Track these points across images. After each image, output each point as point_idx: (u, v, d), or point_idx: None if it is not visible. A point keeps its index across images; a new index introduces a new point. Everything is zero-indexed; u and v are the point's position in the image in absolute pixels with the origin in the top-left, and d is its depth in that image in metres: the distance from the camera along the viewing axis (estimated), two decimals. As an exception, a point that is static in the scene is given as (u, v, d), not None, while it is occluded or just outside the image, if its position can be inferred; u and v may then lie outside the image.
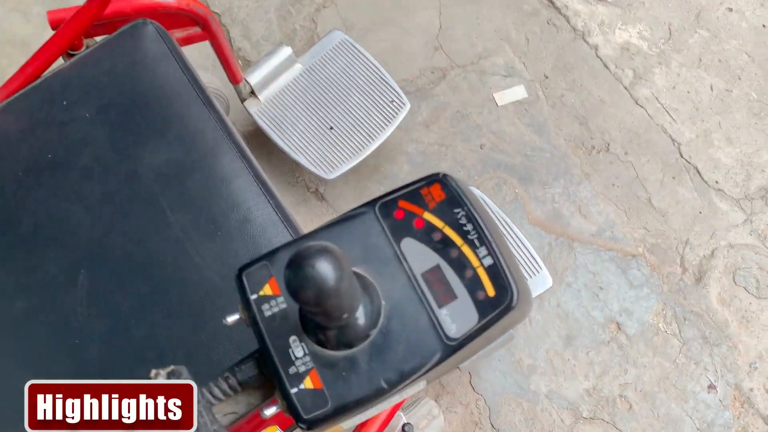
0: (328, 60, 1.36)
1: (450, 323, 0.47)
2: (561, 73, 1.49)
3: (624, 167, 1.41)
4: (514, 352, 1.30)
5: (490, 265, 0.48)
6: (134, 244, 0.81)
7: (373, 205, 0.51)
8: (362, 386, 0.46)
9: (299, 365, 0.47)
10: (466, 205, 0.50)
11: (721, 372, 1.27)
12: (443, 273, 0.48)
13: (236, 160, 0.85)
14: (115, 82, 0.88)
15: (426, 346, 0.47)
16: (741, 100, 1.46)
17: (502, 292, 0.47)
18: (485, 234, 0.49)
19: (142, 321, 0.78)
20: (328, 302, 0.40)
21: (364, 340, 0.47)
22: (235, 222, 0.81)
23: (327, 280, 0.39)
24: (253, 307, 0.48)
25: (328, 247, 0.40)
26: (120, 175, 0.84)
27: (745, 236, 1.35)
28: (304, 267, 0.39)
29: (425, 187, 0.51)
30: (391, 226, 0.50)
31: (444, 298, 0.48)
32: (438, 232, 0.49)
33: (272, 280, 0.49)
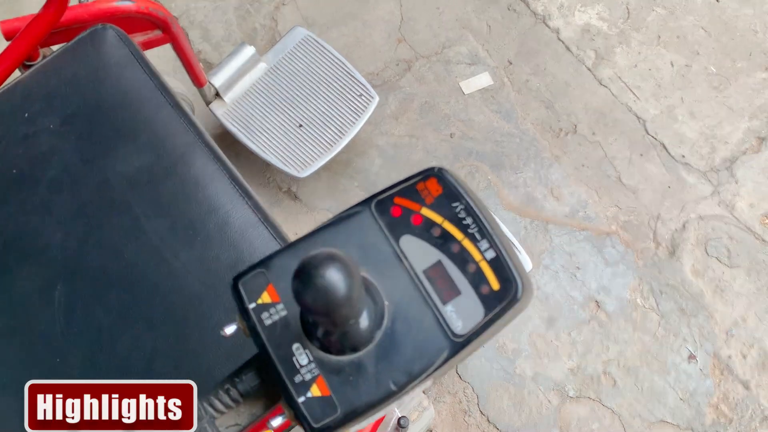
0: (293, 57, 1.34)
1: (456, 319, 0.46)
2: (524, 58, 1.50)
3: (592, 147, 1.43)
4: (497, 338, 1.30)
5: (492, 258, 0.47)
6: (111, 255, 0.79)
7: (368, 203, 0.50)
8: (371, 390, 0.45)
9: (305, 373, 0.45)
10: (464, 198, 0.49)
11: (700, 342, 1.29)
12: (445, 269, 0.47)
13: (210, 163, 0.83)
14: (79, 91, 0.86)
15: (433, 345, 0.46)
16: (701, 74, 1.48)
17: (507, 285, 0.47)
18: (486, 227, 0.48)
19: (125, 334, 0.76)
20: (340, 312, 0.39)
21: (370, 343, 0.46)
22: (214, 226, 0.80)
23: (339, 290, 0.38)
24: (252, 316, 0.47)
25: (337, 255, 0.39)
26: (91, 185, 0.81)
27: (713, 207, 1.38)
28: (314, 277, 0.38)
29: (421, 182, 0.50)
30: (389, 224, 0.49)
31: (448, 294, 0.47)
32: (437, 227, 0.48)
33: (270, 287, 0.48)
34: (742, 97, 1.46)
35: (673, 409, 1.26)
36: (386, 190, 0.50)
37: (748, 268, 1.33)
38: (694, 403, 1.26)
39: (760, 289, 1.32)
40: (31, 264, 0.79)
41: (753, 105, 1.45)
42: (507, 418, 1.26)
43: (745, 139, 1.43)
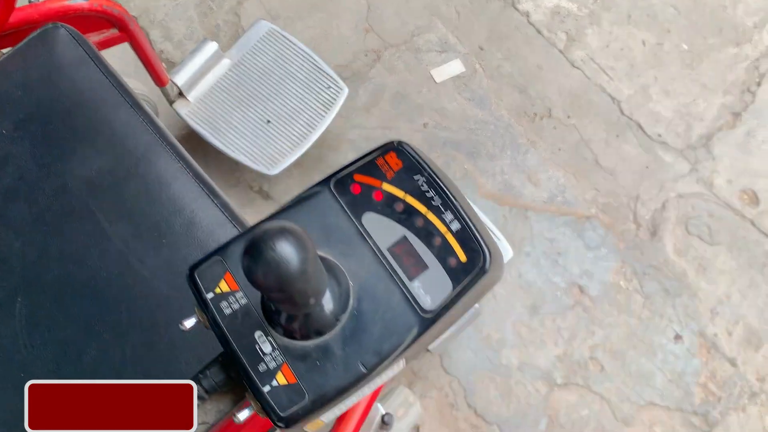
0: (257, 52, 1.30)
1: (424, 295, 0.44)
2: (495, 43, 1.47)
3: (568, 131, 1.41)
4: (481, 329, 1.28)
5: (458, 229, 0.45)
6: (73, 263, 0.75)
7: (327, 183, 0.47)
8: (339, 373, 0.43)
9: (269, 361, 0.43)
10: (426, 171, 0.47)
11: (685, 321, 1.28)
12: (411, 244, 0.45)
13: (173, 162, 0.80)
14: (31, 94, 0.82)
15: (402, 323, 0.44)
16: (673, 52, 1.47)
17: (474, 256, 0.45)
18: (449, 198, 0.46)
19: (92, 344, 0.72)
20: (294, 287, 0.36)
21: (336, 326, 0.44)
22: (180, 227, 0.76)
23: (291, 262, 0.35)
24: (210, 306, 0.44)
25: (287, 227, 0.36)
26: (48, 191, 0.78)
27: (692, 185, 1.36)
28: (264, 250, 0.35)
29: (380, 157, 0.47)
30: (349, 202, 0.47)
31: (414, 270, 0.45)
32: (400, 202, 0.46)
33: (228, 276, 0.45)
34: (715, 73, 1.45)
35: (661, 391, 1.24)
36: (345, 168, 0.48)
37: (729, 245, 1.32)
38: (683, 384, 1.25)
39: (741, 265, 1.31)
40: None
41: (726, 81, 1.44)
42: (495, 409, 1.24)
43: (719, 116, 1.42)
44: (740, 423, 1.22)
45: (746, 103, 1.43)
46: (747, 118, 1.41)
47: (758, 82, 1.44)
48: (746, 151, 1.39)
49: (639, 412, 1.23)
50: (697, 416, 1.23)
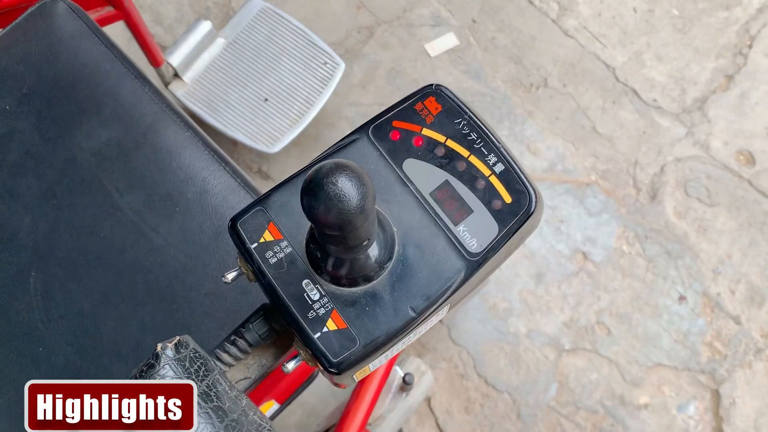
0: (251, 30, 1.29)
1: (470, 239, 0.44)
2: (488, 15, 1.47)
3: (564, 99, 1.41)
4: (487, 299, 1.28)
5: (501, 171, 0.45)
6: (85, 235, 0.74)
7: (365, 129, 0.47)
8: (389, 318, 0.42)
9: (318, 308, 0.42)
10: (466, 113, 0.46)
11: (689, 282, 1.29)
12: (454, 188, 0.45)
13: (181, 131, 0.79)
14: (33, 68, 0.81)
15: (448, 267, 0.44)
16: (664, 18, 1.48)
17: (520, 197, 0.45)
18: (492, 140, 0.45)
19: (109, 315, 0.71)
20: (355, 223, 0.35)
21: (383, 272, 0.43)
22: (193, 195, 0.76)
23: (353, 197, 0.34)
24: (255, 256, 0.44)
25: (346, 163, 0.35)
26: (57, 165, 0.77)
27: (689, 148, 1.37)
28: (325, 185, 0.34)
29: (419, 101, 0.47)
30: (389, 149, 0.46)
31: (459, 214, 0.45)
32: (441, 146, 0.46)
33: (271, 225, 0.44)
34: (707, 37, 1.46)
35: (668, 352, 1.25)
36: (383, 114, 0.47)
37: (728, 205, 1.33)
38: (689, 343, 1.26)
39: (741, 225, 1.32)
40: (0, 252, 0.74)
41: (718, 44, 1.45)
42: (505, 377, 1.24)
43: (713, 79, 1.43)
44: (747, 379, 1.23)
45: (739, 66, 1.44)
46: (740, 80, 1.42)
47: (750, 45, 1.45)
48: (741, 113, 1.40)
49: (647, 373, 1.24)
50: (704, 374, 1.24)
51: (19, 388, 0.70)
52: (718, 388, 1.23)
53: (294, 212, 0.44)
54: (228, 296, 0.72)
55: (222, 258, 0.73)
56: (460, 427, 1.22)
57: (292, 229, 0.44)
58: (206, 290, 0.72)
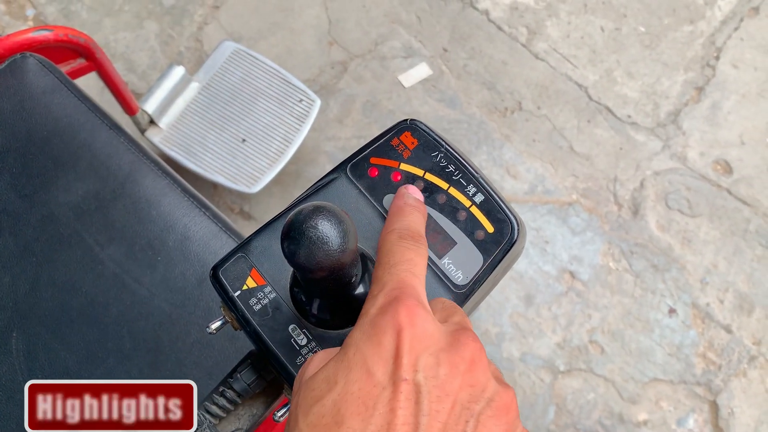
0: (225, 72, 1.30)
1: (455, 271, 0.44)
2: (458, 43, 1.49)
3: (540, 121, 1.42)
4: (479, 325, 1.27)
5: (482, 201, 0.45)
6: (67, 291, 0.73)
7: (342, 168, 0.46)
8: None
9: (306, 353, 0.42)
10: (443, 146, 0.46)
11: (677, 294, 1.29)
12: (436, 221, 0.45)
13: (159, 179, 0.78)
14: (6, 126, 0.80)
15: None
16: (631, 35, 1.50)
17: (503, 226, 0.44)
18: (470, 171, 0.45)
19: (95, 372, 0.70)
20: (339, 263, 0.35)
21: None
22: (174, 243, 0.75)
23: (334, 238, 0.34)
24: (239, 304, 0.43)
25: (323, 205, 0.35)
26: (34, 222, 0.75)
27: (666, 161, 1.39)
28: (305, 230, 0.34)
29: (395, 137, 0.47)
30: (368, 186, 0.46)
31: (442, 247, 0.44)
32: (420, 180, 0.45)
33: (254, 271, 0.44)
34: (674, 51, 1.48)
35: (663, 366, 1.25)
36: (360, 152, 0.47)
37: (710, 215, 1.34)
38: (683, 356, 1.25)
39: (724, 233, 1.33)
40: (-21, 315, 0.72)
41: (686, 58, 1.48)
42: (502, 403, 1.23)
43: (684, 92, 1.45)
44: (743, 388, 1.23)
45: (708, 78, 1.46)
46: (710, 91, 1.45)
47: (716, 56, 1.48)
48: (714, 124, 1.42)
49: (644, 389, 1.23)
50: (700, 386, 1.23)
51: (5, 454, 0.68)
52: (715, 398, 1.23)
53: (276, 256, 0.44)
54: (215, 344, 0.70)
55: (207, 305, 0.72)
56: (461, 458, 1.20)
57: (275, 273, 0.43)
58: (193, 339, 0.70)
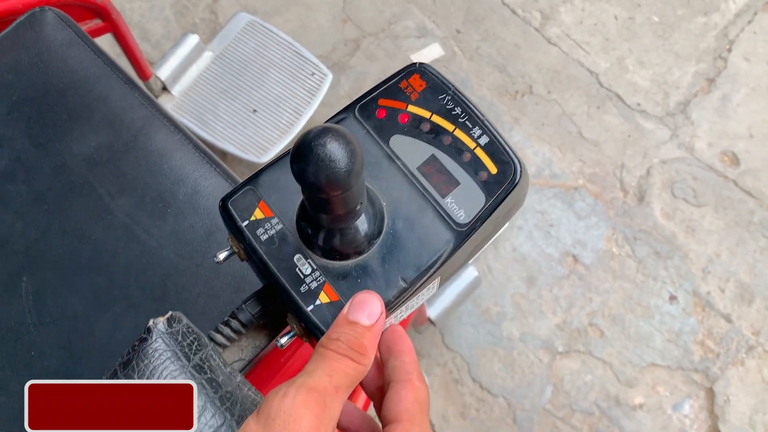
0: (239, 43, 1.31)
1: (458, 210, 0.45)
2: (472, 25, 1.50)
3: (550, 106, 1.43)
4: (480, 303, 1.29)
5: (486, 143, 0.46)
6: (77, 239, 0.74)
7: (351, 109, 0.48)
8: (381, 289, 0.43)
9: (310, 282, 0.43)
10: (450, 89, 0.47)
11: (679, 282, 1.30)
12: (440, 162, 0.46)
13: (171, 134, 0.79)
14: (23, 76, 0.81)
15: (438, 238, 0.44)
16: (645, 25, 1.51)
17: (505, 167, 0.45)
18: (476, 114, 0.46)
19: (102, 317, 0.71)
20: (347, 184, 0.36)
21: (373, 245, 0.44)
22: (184, 196, 0.76)
23: (342, 158, 0.35)
24: (246, 233, 0.44)
25: (333, 126, 0.36)
26: (47, 170, 0.77)
27: (674, 150, 1.39)
28: (316, 147, 0.35)
29: (403, 80, 0.48)
30: (375, 126, 0.47)
31: (446, 187, 0.45)
32: (426, 122, 0.46)
33: (262, 203, 0.45)
34: (687, 42, 1.49)
35: (661, 351, 1.26)
36: (368, 94, 0.48)
37: (715, 205, 1.35)
38: (681, 343, 1.26)
39: (728, 224, 1.34)
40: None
41: (698, 49, 1.48)
42: (500, 381, 1.24)
43: (694, 83, 1.45)
44: (740, 376, 1.24)
45: (719, 69, 1.46)
46: (721, 83, 1.45)
47: (729, 49, 1.48)
48: (723, 115, 1.42)
49: (641, 373, 1.24)
50: (697, 373, 1.24)
51: (11, 392, 0.69)
52: (712, 386, 1.23)
53: (284, 190, 0.45)
54: (221, 295, 0.72)
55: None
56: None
57: (283, 206, 0.45)
58: (199, 290, 0.72)
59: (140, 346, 0.41)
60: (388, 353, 0.44)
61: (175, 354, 0.40)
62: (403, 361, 0.43)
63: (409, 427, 0.38)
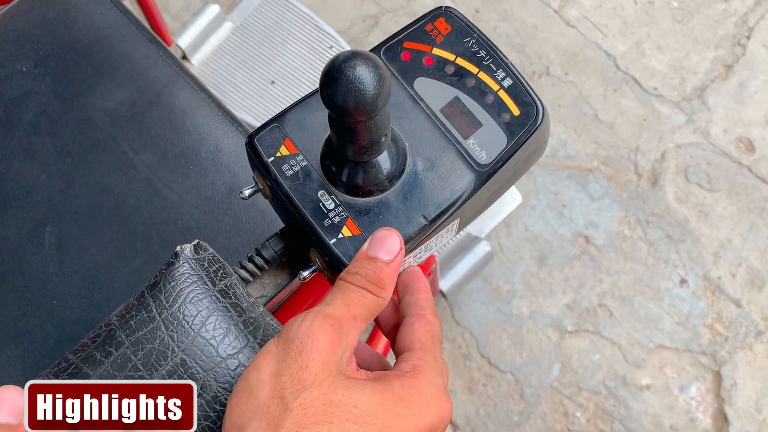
0: (259, 15, 1.31)
1: (479, 151, 0.45)
2: (491, 5, 1.50)
3: (566, 87, 1.43)
4: (490, 281, 1.29)
5: (510, 85, 0.46)
6: (100, 192, 0.75)
7: (377, 51, 0.48)
8: (402, 225, 0.44)
9: (333, 216, 0.44)
10: (475, 33, 0.48)
11: (690, 266, 1.30)
12: (463, 104, 0.46)
13: (194, 93, 0.80)
14: (50, 32, 0.82)
15: (459, 178, 0.45)
16: (663, 9, 1.50)
17: (528, 109, 0.46)
18: (500, 56, 0.47)
19: (123, 269, 0.72)
20: (375, 107, 0.37)
21: (395, 183, 0.45)
22: (206, 154, 0.77)
23: (371, 81, 0.36)
24: (272, 169, 0.45)
25: (361, 51, 0.37)
26: (72, 125, 0.78)
27: (689, 135, 1.39)
28: (345, 70, 0.36)
29: (429, 23, 0.48)
30: (400, 68, 0.48)
31: (469, 128, 0.46)
32: (450, 65, 0.47)
33: (287, 141, 0.46)
34: (706, 28, 1.48)
35: (670, 333, 1.26)
36: (394, 36, 0.49)
37: (729, 191, 1.35)
38: (690, 326, 1.27)
39: (741, 210, 1.34)
40: (15, 208, 0.75)
41: (716, 35, 1.48)
42: (508, 357, 1.25)
43: (712, 68, 1.45)
44: (748, 361, 1.24)
45: (737, 56, 1.46)
46: (739, 69, 1.45)
47: (748, 36, 1.47)
48: (740, 102, 1.42)
49: (649, 354, 1.25)
50: (705, 356, 1.25)
51: (33, 340, 0.71)
52: (719, 369, 1.24)
53: (309, 128, 0.46)
54: (241, 250, 0.73)
55: (235, 213, 0.74)
56: (464, 407, 1.23)
57: (308, 144, 0.46)
58: (219, 245, 0.73)
59: (167, 270, 0.41)
60: (404, 291, 0.45)
61: (201, 278, 0.41)
62: (417, 298, 0.44)
63: (421, 355, 0.40)
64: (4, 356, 0.70)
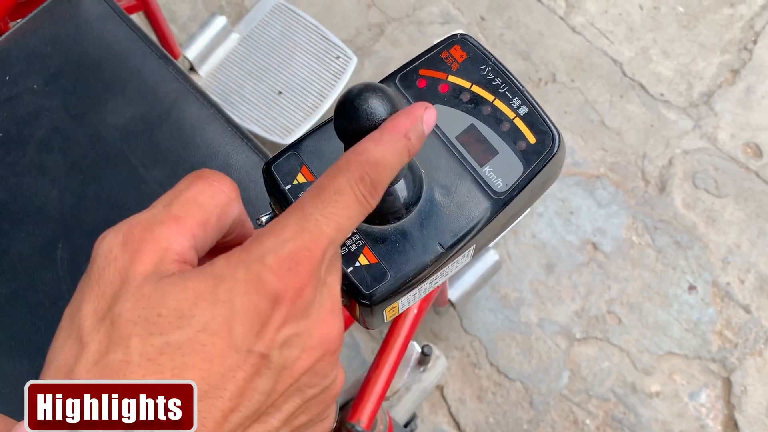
0: (266, 25, 1.32)
1: (495, 179, 0.46)
2: (496, 12, 1.50)
3: (573, 94, 1.43)
4: (498, 289, 1.29)
5: (526, 113, 0.46)
6: (111, 208, 0.76)
7: (392, 78, 0.48)
8: (418, 253, 0.44)
9: (350, 245, 0.44)
10: (491, 60, 0.48)
11: (698, 272, 1.30)
12: (479, 131, 0.46)
13: (204, 108, 0.81)
14: (60, 49, 0.83)
15: (475, 206, 0.45)
16: (669, 15, 1.50)
17: (544, 137, 0.46)
18: (516, 84, 0.47)
19: (135, 285, 0.73)
20: None
21: (411, 211, 0.45)
22: (216, 169, 0.77)
23: (384, 113, 0.36)
24: (289, 197, 0.45)
25: (374, 83, 0.37)
26: (82, 141, 0.78)
27: (696, 141, 1.39)
28: (357, 103, 0.36)
29: (444, 50, 0.49)
30: (416, 96, 0.48)
31: (484, 156, 0.46)
32: (466, 92, 0.47)
33: (304, 168, 0.46)
34: (712, 33, 1.48)
35: (679, 340, 1.26)
36: (409, 64, 0.49)
37: (736, 196, 1.35)
38: (699, 332, 1.27)
39: (749, 215, 1.34)
40: (27, 225, 0.75)
41: (723, 40, 1.48)
42: (517, 365, 1.25)
43: (719, 73, 1.45)
44: (758, 367, 1.24)
45: (744, 61, 1.46)
46: (745, 74, 1.45)
47: (754, 40, 1.47)
48: (747, 107, 1.42)
49: (658, 361, 1.25)
50: (715, 363, 1.25)
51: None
52: (729, 376, 1.24)
53: (326, 156, 0.46)
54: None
55: (245, 228, 0.74)
56: (473, 415, 1.23)
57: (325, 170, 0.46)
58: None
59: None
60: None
61: None
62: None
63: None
64: (18, 372, 0.71)
